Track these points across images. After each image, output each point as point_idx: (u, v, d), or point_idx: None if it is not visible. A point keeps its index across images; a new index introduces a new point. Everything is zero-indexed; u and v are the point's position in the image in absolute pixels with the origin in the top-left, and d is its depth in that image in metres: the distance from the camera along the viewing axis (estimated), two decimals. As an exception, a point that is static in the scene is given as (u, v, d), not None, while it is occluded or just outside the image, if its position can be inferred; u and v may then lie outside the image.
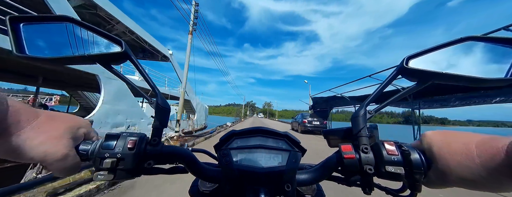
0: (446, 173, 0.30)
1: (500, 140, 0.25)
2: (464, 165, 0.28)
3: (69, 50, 0.36)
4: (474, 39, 0.33)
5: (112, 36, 0.37)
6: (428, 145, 0.33)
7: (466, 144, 0.29)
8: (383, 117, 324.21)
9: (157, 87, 0.40)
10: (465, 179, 0.28)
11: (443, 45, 0.34)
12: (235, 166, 0.34)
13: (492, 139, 0.27)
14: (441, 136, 0.33)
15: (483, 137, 0.28)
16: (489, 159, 0.25)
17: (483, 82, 0.31)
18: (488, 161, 0.25)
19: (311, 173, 0.39)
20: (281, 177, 0.34)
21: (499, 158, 0.24)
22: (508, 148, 0.24)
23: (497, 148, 0.25)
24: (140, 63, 0.40)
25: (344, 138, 0.42)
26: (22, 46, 0.34)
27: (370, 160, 0.34)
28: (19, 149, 0.28)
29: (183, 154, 0.40)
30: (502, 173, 0.24)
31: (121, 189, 2.66)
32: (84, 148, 0.36)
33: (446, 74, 0.33)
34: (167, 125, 0.40)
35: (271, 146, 0.37)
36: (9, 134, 0.27)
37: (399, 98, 0.37)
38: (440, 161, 0.31)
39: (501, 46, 0.32)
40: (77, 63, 0.38)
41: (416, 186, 0.33)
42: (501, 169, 0.24)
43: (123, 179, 0.36)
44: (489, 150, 0.26)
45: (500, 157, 0.24)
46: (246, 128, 0.41)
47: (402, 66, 0.35)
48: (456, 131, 0.33)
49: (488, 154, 0.25)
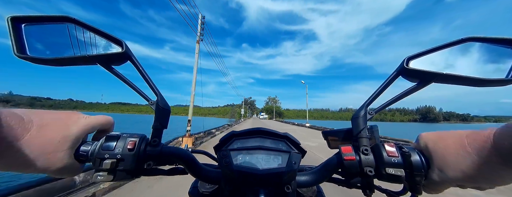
0: (444, 169, 0.30)
1: (486, 130, 0.27)
2: (459, 156, 0.29)
3: (70, 50, 0.37)
4: (474, 40, 0.33)
5: (112, 37, 0.38)
6: (424, 143, 0.34)
7: (458, 137, 0.30)
8: (395, 115, 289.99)
9: (157, 88, 0.40)
10: (462, 173, 0.28)
11: (443, 45, 0.34)
12: (234, 167, 0.34)
13: (480, 130, 0.28)
14: (436, 134, 0.34)
15: (472, 130, 0.30)
16: (479, 147, 0.27)
17: (484, 83, 0.31)
18: (478, 148, 0.27)
19: (311, 174, 0.38)
20: (281, 178, 0.34)
21: (488, 144, 0.26)
22: (495, 133, 0.25)
23: (485, 135, 0.26)
24: (141, 64, 0.40)
25: (344, 139, 0.42)
26: (23, 47, 0.34)
27: (370, 161, 0.34)
28: (17, 163, 0.28)
29: (183, 155, 0.40)
30: (493, 159, 0.25)
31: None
32: (84, 149, 0.36)
33: (446, 75, 0.33)
34: (167, 126, 0.40)
35: (271, 147, 0.37)
36: (4, 147, 0.26)
37: (400, 99, 0.37)
38: (436, 158, 0.31)
39: (502, 47, 0.32)
40: (78, 64, 0.38)
41: (417, 188, 0.33)
42: (491, 155, 0.25)
43: (122, 180, 0.36)
44: (478, 139, 0.27)
45: (489, 143, 0.26)
46: (246, 129, 0.41)
47: (403, 66, 0.35)
48: (449, 130, 0.34)
49: (478, 142, 0.27)
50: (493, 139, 0.25)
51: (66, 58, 0.36)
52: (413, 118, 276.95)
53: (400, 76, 0.37)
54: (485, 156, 0.26)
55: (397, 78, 0.37)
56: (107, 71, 0.38)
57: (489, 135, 0.26)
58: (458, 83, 0.33)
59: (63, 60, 0.36)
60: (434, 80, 0.34)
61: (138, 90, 0.41)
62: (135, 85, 0.40)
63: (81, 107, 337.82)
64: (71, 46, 0.37)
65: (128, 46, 0.38)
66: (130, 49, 0.38)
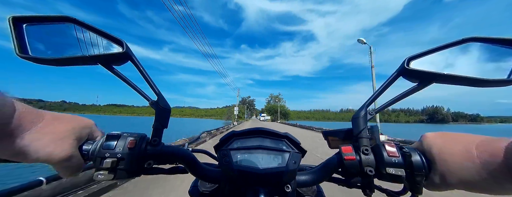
0: (446, 175, 0.30)
1: (499, 141, 0.25)
2: (465, 166, 0.27)
3: (71, 50, 0.37)
4: (475, 40, 0.33)
5: (113, 37, 0.38)
6: (428, 146, 0.33)
7: (466, 145, 0.29)
8: (399, 115, 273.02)
9: (158, 88, 0.41)
10: (466, 181, 0.28)
11: (444, 46, 0.34)
12: (235, 166, 0.34)
13: (492, 140, 0.26)
14: (442, 137, 0.33)
15: (483, 138, 0.28)
16: (489, 160, 0.25)
17: (485, 83, 0.31)
18: (488, 162, 0.25)
19: (311, 174, 0.39)
20: (281, 178, 0.34)
21: (499, 159, 0.24)
22: (507, 149, 0.23)
23: (496, 149, 0.25)
24: (142, 64, 0.40)
25: (344, 139, 0.42)
26: (25, 47, 0.34)
27: (370, 161, 0.34)
28: (25, 150, 0.28)
29: (183, 154, 0.40)
30: (501, 174, 0.24)
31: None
32: (86, 148, 0.36)
33: (447, 75, 0.33)
34: (167, 125, 0.40)
35: (271, 147, 0.37)
36: (16, 135, 0.27)
37: (400, 99, 0.37)
38: (440, 162, 0.31)
39: (503, 47, 0.32)
40: (79, 64, 0.38)
41: (417, 189, 0.32)
42: (501, 170, 0.24)
43: (123, 179, 0.36)
44: (489, 151, 0.25)
45: (500, 158, 0.24)
46: (246, 129, 0.41)
47: (403, 67, 0.35)
48: (456, 133, 0.33)
49: (488, 155, 0.25)
50: (505, 153, 0.23)
51: (67, 58, 0.36)
52: (419, 119, 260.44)
53: (400, 77, 0.37)
54: (493, 170, 0.24)
55: (398, 79, 0.37)
56: (108, 71, 0.38)
57: (501, 148, 0.24)
58: (459, 83, 0.33)
59: (64, 60, 0.36)
60: (434, 81, 0.34)
61: (139, 90, 0.41)
62: (136, 85, 0.40)
63: (72, 109, 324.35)
64: (72, 46, 0.37)
65: (129, 46, 0.38)
66: (131, 49, 0.39)
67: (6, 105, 0.26)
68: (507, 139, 0.24)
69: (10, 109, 0.26)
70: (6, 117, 0.26)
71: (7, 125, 0.26)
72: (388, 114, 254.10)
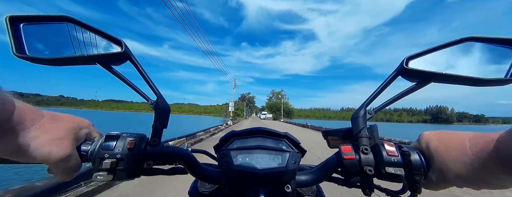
0: (443, 171, 0.30)
1: (491, 134, 0.27)
2: (459, 159, 0.29)
3: (69, 50, 0.36)
4: (473, 40, 0.33)
5: (112, 36, 0.37)
6: (426, 144, 0.34)
7: (460, 139, 0.30)
8: (402, 115, 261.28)
9: (157, 88, 0.40)
10: (462, 176, 0.28)
11: (443, 45, 0.34)
12: (234, 166, 0.34)
13: (485, 134, 0.28)
14: (438, 135, 0.34)
15: (476, 133, 0.30)
16: (481, 152, 0.26)
17: (483, 83, 0.31)
18: (480, 154, 0.26)
19: (311, 174, 0.39)
20: (281, 178, 0.34)
21: (490, 149, 0.25)
22: (498, 138, 0.25)
23: (487, 141, 0.26)
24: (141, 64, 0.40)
25: (344, 138, 0.42)
26: (22, 47, 0.34)
27: (370, 161, 0.34)
28: (23, 149, 0.28)
29: (182, 154, 0.40)
30: (494, 164, 0.25)
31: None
32: (84, 149, 0.36)
33: (446, 75, 0.33)
34: (167, 125, 0.40)
35: (271, 147, 0.37)
36: (14, 133, 0.27)
37: (399, 98, 0.37)
38: (437, 159, 0.31)
39: (501, 46, 0.32)
40: (77, 64, 0.38)
41: (416, 188, 0.33)
42: (493, 160, 0.25)
43: (122, 179, 0.36)
44: (481, 143, 0.27)
45: (491, 148, 0.25)
46: (246, 129, 0.41)
47: (402, 66, 0.35)
48: (452, 131, 0.33)
49: (480, 147, 0.27)
50: (495, 143, 0.25)
51: (65, 58, 0.36)
52: (423, 119, 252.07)
53: (399, 76, 0.37)
54: (485, 161, 0.26)
55: (397, 78, 0.38)
56: (107, 71, 0.38)
57: (492, 140, 0.25)
58: (458, 83, 0.33)
59: (62, 60, 0.36)
60: (433, 80, 0.34)
61: (138, 90, 0.41)
62: (135, 85, 0.40)
63: (69, 104, 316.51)
64: (70, 46, 0.36)
65: (128, 46, 0.38)
66: (130, 49, 0.38)
67: (6, 102, 0.26)
68: (498, 132, 0.26)
69: (10, 106, 0.26)
70: (6, 114, 0.26)
71: (6, 122, 0.26)
72: (390, 114, 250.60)
